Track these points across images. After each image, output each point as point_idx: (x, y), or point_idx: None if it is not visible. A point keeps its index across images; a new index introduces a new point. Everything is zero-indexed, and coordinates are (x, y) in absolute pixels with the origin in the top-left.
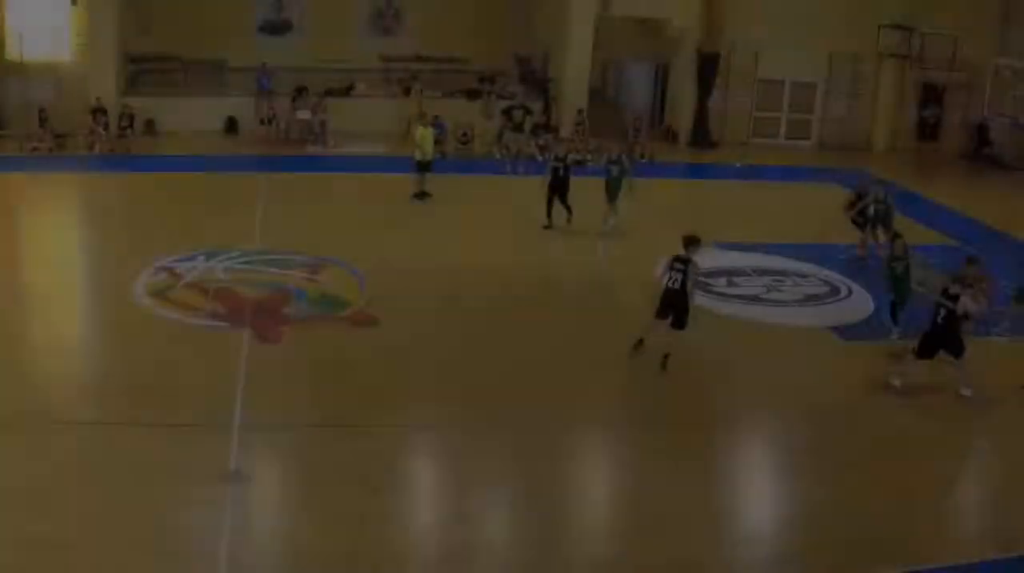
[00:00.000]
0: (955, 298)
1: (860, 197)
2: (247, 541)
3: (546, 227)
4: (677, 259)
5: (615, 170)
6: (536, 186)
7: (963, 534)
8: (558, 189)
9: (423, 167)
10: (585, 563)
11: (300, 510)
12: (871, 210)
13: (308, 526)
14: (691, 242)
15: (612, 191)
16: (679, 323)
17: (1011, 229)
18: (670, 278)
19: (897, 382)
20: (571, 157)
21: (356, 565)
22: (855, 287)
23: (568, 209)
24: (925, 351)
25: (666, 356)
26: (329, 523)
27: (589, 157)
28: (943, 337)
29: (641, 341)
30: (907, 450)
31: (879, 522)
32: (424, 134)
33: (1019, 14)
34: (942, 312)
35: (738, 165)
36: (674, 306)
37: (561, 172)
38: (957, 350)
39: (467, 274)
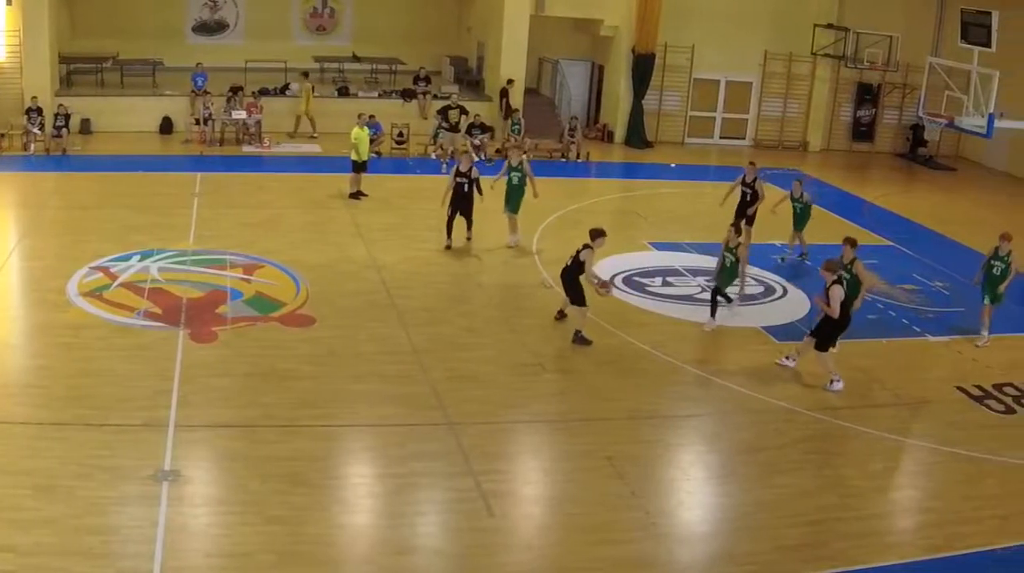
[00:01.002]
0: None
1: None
2: (182, 541)
3: (448, 247)
4: (583, 246)
5: (516, 178)
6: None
7: (897, 536)
8: (460, 205)
9: (359, 167)
10: (523, 564)
11: (235, 509)
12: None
13: (243, 526)
14: (594, 234)
15: (514, 201)
16: (572, 300)
17: (945, 228)
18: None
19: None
20: (476, 170)
21: (292, 564)
22: (790, 287)
23: (470, 224)
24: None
25: (576, 331)
26: (265, 522)
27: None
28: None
29: (561, 312)
30: (842, 450)
31: (814, 522)
32: (360, 134)
33: (954, 15)
34: None
35: (673, 165)
36: (565, 285)
37: (466, 188)
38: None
39: (402, 274)
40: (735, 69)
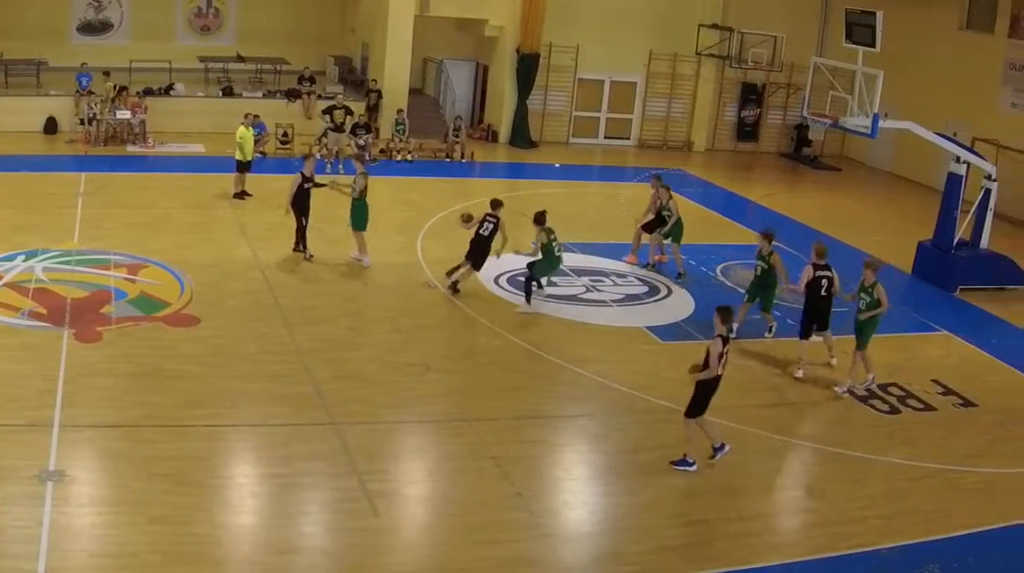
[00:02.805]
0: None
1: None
2: (66, 541)
3: (309, 259)
4: (490, 214)
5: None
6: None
7: (781, 536)
8: (306, 211)
9: (243, 167)
10: (408, 564)
11: (120, 509)
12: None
13: (128, 526)
14: (497, 204)
15: (361, 218)
16: (476, 265)
17: (829, 228)
18: (483, 227)
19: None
20: (320, 177)
21: (177, 564)
22: (674, 287)
23: (304, 239)
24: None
25: (455, 282)
26: (149, 522)
27: (410, 157)
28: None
29: (455, 284)
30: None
31: (697, 523)
32: (244, 134)
33: (838, 15)
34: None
35: (557, 165)
36: (477, 250)
37: (312, 192)
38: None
39: (286, 274)
40: (619, 69)
